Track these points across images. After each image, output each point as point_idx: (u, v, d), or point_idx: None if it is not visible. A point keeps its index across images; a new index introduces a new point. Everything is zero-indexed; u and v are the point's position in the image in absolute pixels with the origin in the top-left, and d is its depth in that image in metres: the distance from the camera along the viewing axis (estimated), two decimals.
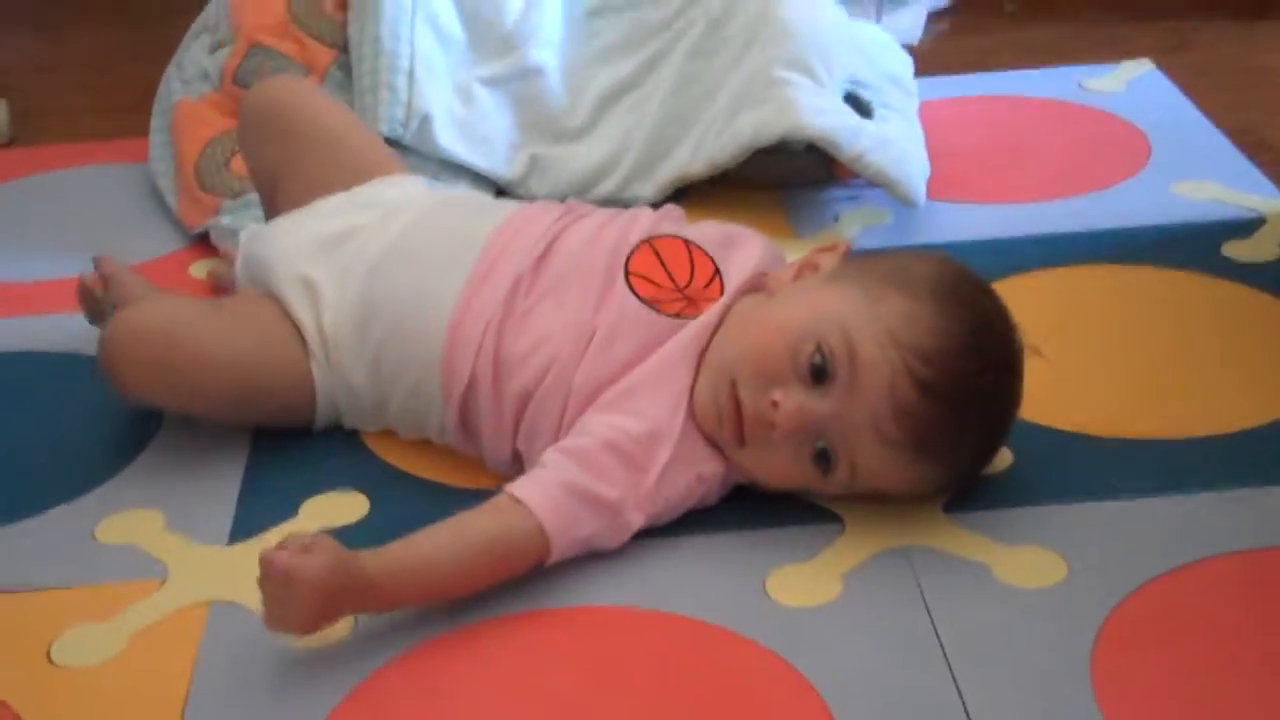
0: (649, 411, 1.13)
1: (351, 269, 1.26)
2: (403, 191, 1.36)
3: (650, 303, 1.17)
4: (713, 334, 1.16)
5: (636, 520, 1.12)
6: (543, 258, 1.21)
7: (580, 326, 1.17)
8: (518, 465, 1.20)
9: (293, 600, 1.00)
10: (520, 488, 1.10)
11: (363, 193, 1.35)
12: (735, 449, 1.14)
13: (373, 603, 1.05)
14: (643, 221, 1.24)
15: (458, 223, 1.28)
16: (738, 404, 1.12)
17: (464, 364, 1.19)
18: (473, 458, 1.24)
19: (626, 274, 1.19)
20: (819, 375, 1.09)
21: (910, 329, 1.08)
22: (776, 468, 1.13)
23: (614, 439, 1.12)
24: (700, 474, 1.14)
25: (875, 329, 1.09)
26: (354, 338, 1.24)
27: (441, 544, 1.07)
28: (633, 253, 1.20)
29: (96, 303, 1.39)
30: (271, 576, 1.01)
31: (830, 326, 1.10)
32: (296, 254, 1.29)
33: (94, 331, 1.43)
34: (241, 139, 1.47)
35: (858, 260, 1.20)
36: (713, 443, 1.15)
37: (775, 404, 1.10)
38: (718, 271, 1.20)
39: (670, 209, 1.28)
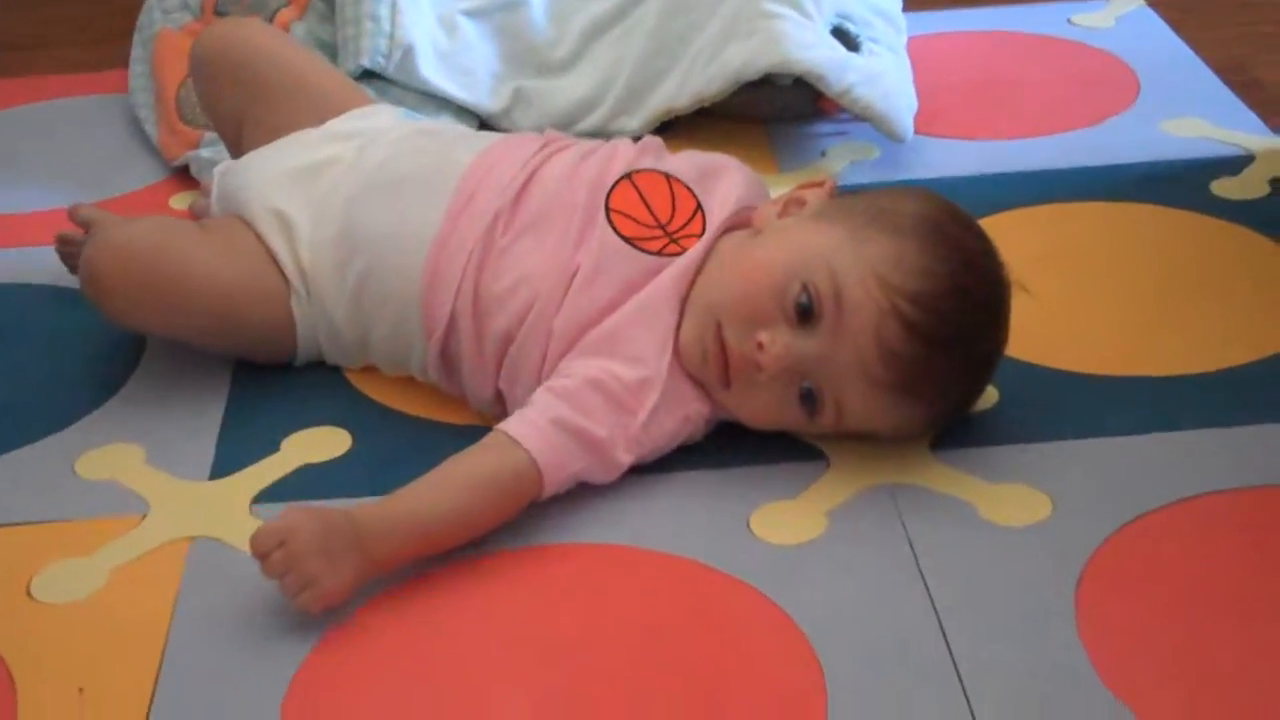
0: (638, 355, 1.12)
1: (328, 204, 1.25)
2: (376, 121, 1.34)
3: (632, 241, 1.16)
4: (696, 273, 1.15)
5: (625, 460, 1.12)
6: (521, 192, 1.20)
7: (561, 266, 1.16)
8: (500, 405, 1.19)
9: (298, 560, 1.00)
10: (511, 425, 1.09)
11: (334, 126, 1.33)
12: (721, 390, 1.13)
13: (374, 555, 1.03)
14: (622, 155, 1.23)
15: (434, 154, 1.26)
16: (723, 345, 1.11)
17: (444, 302, 1.18)
18: (456, 395, 1.23)
19: (608, 211, 1.18)
20: (805, 316, 1.08)
21: (897, 270, 1.07)
22: (762, 408, 1.13)
23: (603, 380, 1.11)
24: (687, 414, 1.14)
25: (862, 270, 1.08)
26: (334, 273, 1.23)
27: (435, 489, 1.06)
28: (613, 189, 1.19)
29: (79, 251, 1.37)
30: (265, 547, 1.00)
31: (817, 267, 1.09)
32: (270, 187, 1.28)
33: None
34: (197, 89, 1.44)
35: (844, 197, 1.18)
36: (698, 383, 1.14)
37: (761, 345, 1.09)
38: (699, 206, 1.19)
39: (650, 140, 1.26)
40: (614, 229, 1.16)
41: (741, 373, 1.11)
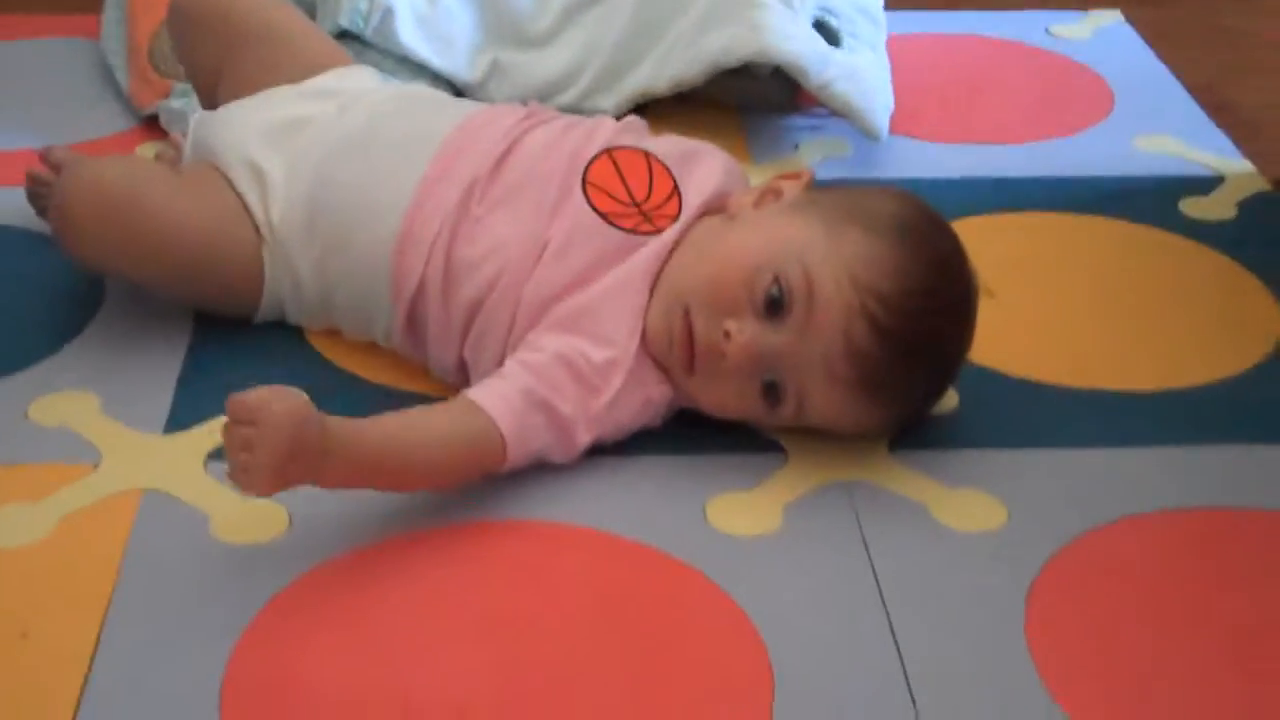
0: (608, 336, 1.12)
1: (302, 161, 1.24)
2: (356, 83, 1.33)
3: (606, 216, 1.16)
4: (669, 256, 1.15)
5: (584, 440, 1.11)
6: (500, 162, 1.19)
7: (533, 236, 1.15)
8: (463, 373, 1.18)
9: (263, 443, 0.96)
10: (479, 394, 1.09)
11: (314, 83, 1.32)
12: (684, 376, 1.13)
13: (328, 471, 1.00)
14: (604, 131, 1.22)
15: (414, 120, 1.25)
16: (690, 331, 1.11)
17: (414, 267, 1.17)
18: (418, 363, 1.22)
19: (584, 185, 1.17)
20: (774, 308, 1.08)
21: (869, 269, 1.07)
22: (724, 397, 1.13)
23: (571, 358, 1.10)
24: (649, 396, 1.14)
25: (834, 265, 1.08)
26: (302, 232, 1.22)
27: (405, 427, 1.05)
28: (591, 163, 1.18)
29: (49, 192, 1.35)
30: (241, 417, 0.97)
31: (789, 259, 1.08)
32: (246, 139, 1.26)
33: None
34: (175, 39, 1.42)
35: (820, 191, 1.18)
36: (661, 367, 1.14)
37: (728, 334, 1.09)
38: (677, 188, 1.18)
39: (633, 120, 1.26)
40: (589, 203, 1.16)
41: (706, 360, 1.11)
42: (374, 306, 1.21)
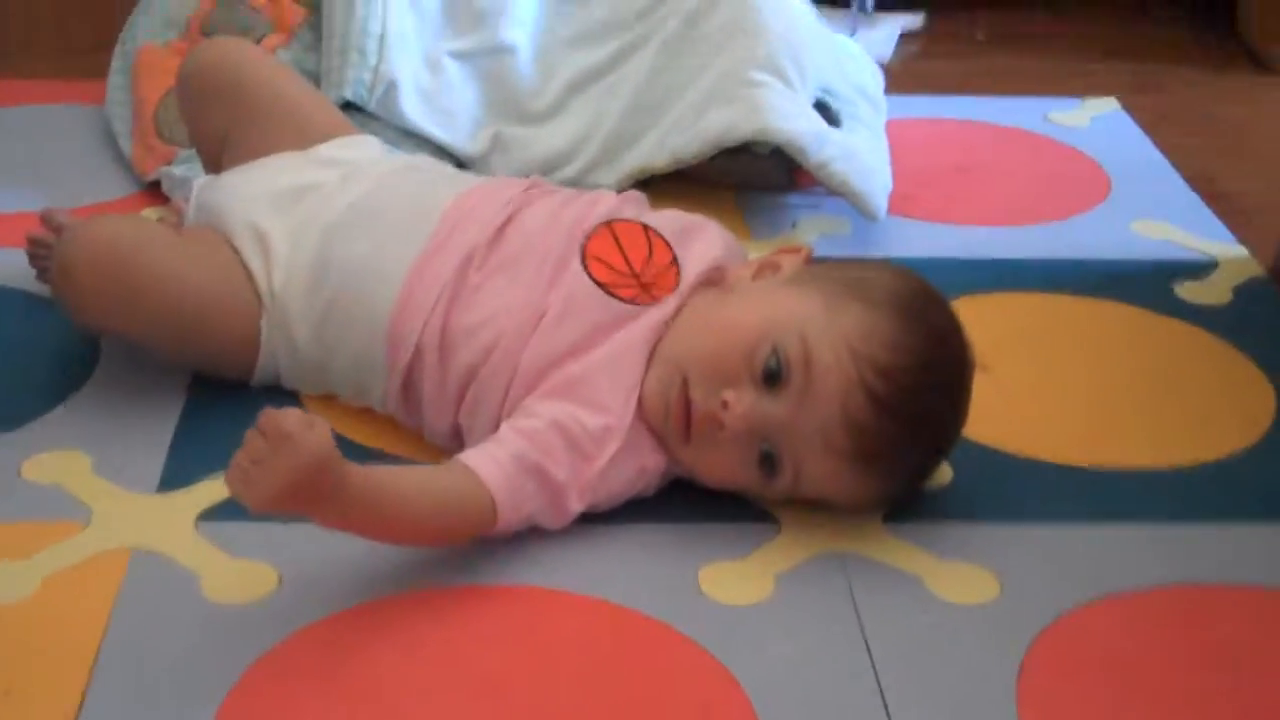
0: (604, 404, 1.12)
1: (306, 229, 1.25)
2: (361, 153, 1.34)
3: (605, 286, 1.16)
4: (667, 326, 1.15)
5: (577, 507, 1.11)
6: (499, 232, 1.20)
7: (531, 304, 1.16)
8: (458, 440, 1.18)
9: (276, 467, 0.95)
10: (472, 457, 1.08)
11: (320, 151, 1.33)
12: (680, 446, 1.13)
13: (328, 510, 1.00)
14: (604, 204, 1.23)
15: (417, 190, 1.26)
16: (687, 401, 1.11)
17: (410, 334, 1.18)
18: (413, 429, 1.22)
19: (583, 256, 1.18)
20: (772, 379, 1.08)
21: (868, 341, 1.07)
22: (721, 467, 1.12)
23: (566, 425, 1.10)
24: (643, 466, 1.13)
25: (833, 337, 1.08)
26: (303, 299, 1.22)
27: (408, 484, 1.05)
28: (591, 234, 1.19)
29: (49, 254, 1.36)
30: (268, 433, 0.96)
31: (788, 330, 1.09)
32: (251, 204, 1.27)
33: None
34: (183, 104, 1.43)
35: (819, 266, 1.19)
36: (656, 436, 1.14)
37: (726, 404, 1.09)
38: (675, 260, 1.19)
39: (633, 194, 1.26)
40: (588, 273, 1.16)
41: (703, 430, 1.11)
42: (370, 373, 1.21)
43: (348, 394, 1.25)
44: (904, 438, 1.08)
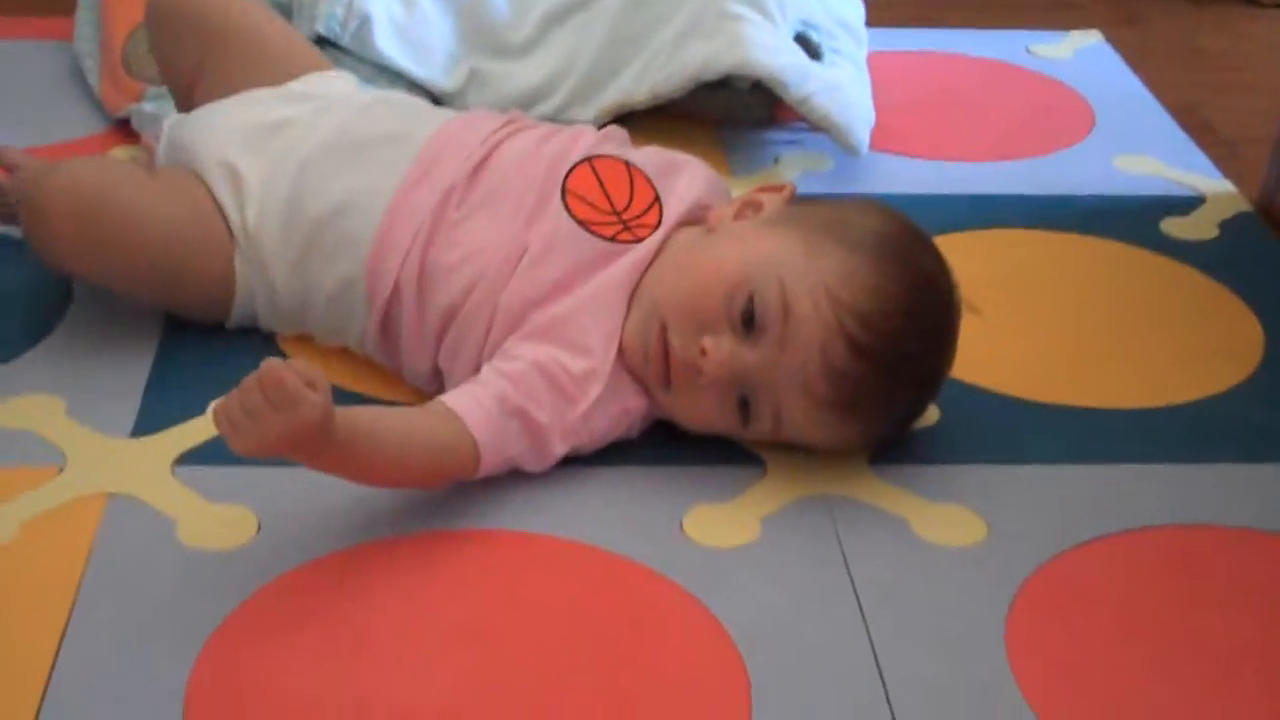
0: (586, 346, 1.10)
1: (280, 164, 1.22)
2: (335, 87, 1.32)
3: (586, 224, 1.14)
4: (649, 266, 1.14)
5: (559, 450, 1.10)
6: (479, 167, 1.18)
7: (511, 243, 1.14)
8: (437, 381, 1.17)
9: (270, 423, 0.93)
10: (455, 399, 1.07)
11: (293, 86, 1.31)
12: (661, 391, 1.11)
13: (313, 459, 0.99)
14: (585, 140, 1.21)
15: (393, 125, 1.24)
16: (666, 347, 1.09)
17: (389, 271, 1.16)
18: (392, 370, 1.20)
19: (564, 192, 1.16)
20: (750, 325, 1.07)
21: (848, 287, 1.05)
22: (700, 412, 1.11)
23: (549, 367, 1.09)
24: (625, 408, 1.12)
25: (812, 283, 1.06)
26: (279, 235, 1.20)
27: (391, 428, 1.03)
28: (572, 170, 1.17)
29: (3, 195, 1.33)
30: (268, 388, 0.93)
31: (766, 276, 1.07)
32: (224, 140, 1.24)
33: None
34: (153, 36, 1.40)
35: (802, 205, 1.17)
36: (638, 379, 1.13)
37: (704, 351, 1.07)
38: (657, 198, 1.17)
39: (614, 130, 1.24)
40: (568, 210, 1.14)
41: (683, 376, 1.09)
42: (349, 311, 1.19)
43: (325, 333, 1.23)
44: (886, 385, 1.07)
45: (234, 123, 1.26)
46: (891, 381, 1.07)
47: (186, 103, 1.36)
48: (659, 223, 1.15)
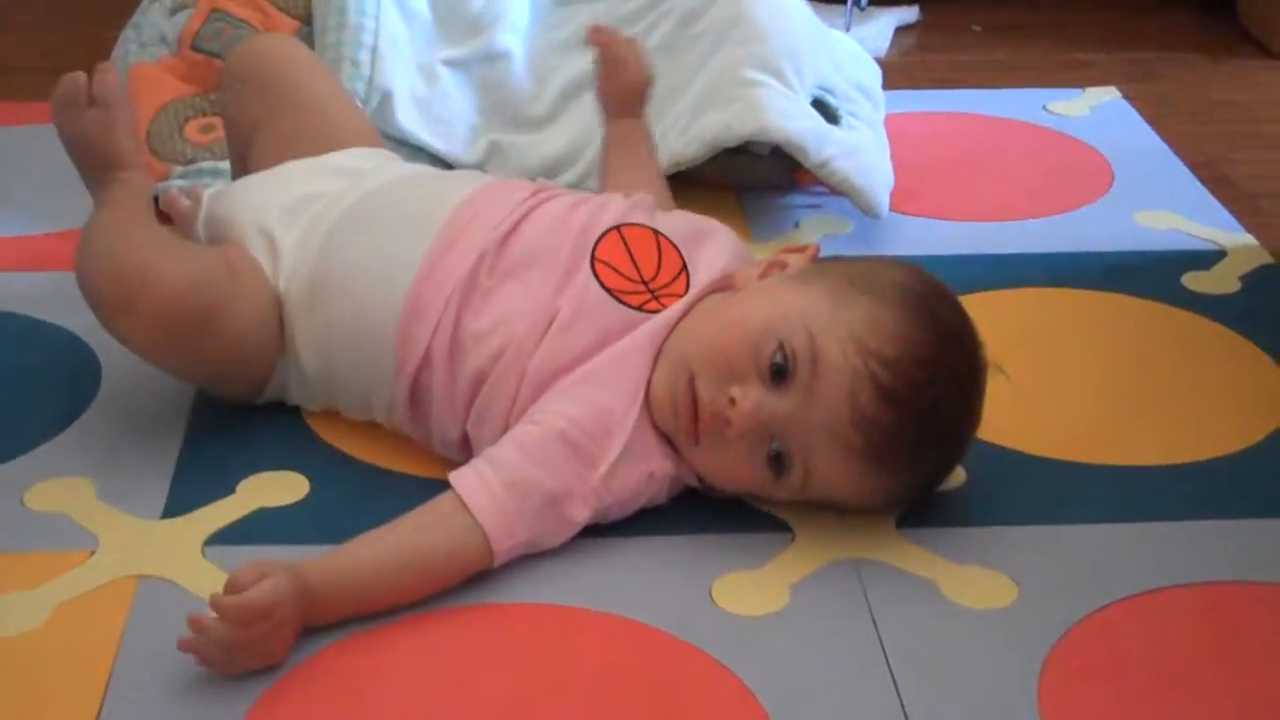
0: (606, 404, 1.11)
1: (310, 234, 1.23)
2: (374, 163, 1.33)
3: (614, 293, 1.15)
4: (673, 329, 1.14)
5: (582, 515, 1.10)
6: (509, 235, 1.18)
7: (540, 309, 1.15)
8: (466, 450, 1.17)
9: (275, 638, 1.00)
10: (466, 484, 1.07)
11: (334, 159, 1.32)
12: (689, 446, 1.12)
13: (310, 620, 1.02)
14: (613, 208, 1.22)
15: (422, 191, 1.25)
16: (694, 399, 1.10)
17: (421, 338, 1.16)
18: (417, 443, 1.21)
19: (593, 261, 1.16)
20: (779, 375, 1.07)
21: (876, 335, 1.06)
22: (729, 467, 1.11)
23: (565, 429, 1.09)
24: (651, 471, 1.12)
25: (840, 332, 1.07)
26: (304, 305, 1.21)
27: (381, 557, 1.05)
28: (600, 239, 1.18)
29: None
30: (249, 621, 0.98)
31: (794, 326, 1.08)
32: (261, 210, 1.26)
33: (32, 293, 1.40)
34: (224, 90, 1.42)
35: (826, 262, 1.18)
36: (664, 440, 1.13)
37: (733, 400, 1.08)
38: (685, 267, 1.18)
39: (642, 198, 1.25)
40: (597, 279, 1.15)
41: (711, 428, 1.09)
42: (375, 381, 1.20)
43: (351, 405, 1.23)
44: (914, 434, 1.07)
45: (271, 197, 1.27)
46: (920, 430, 1.07)
47: (241, 159, 1.39)
48: (686, 291, 1.16)
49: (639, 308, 1.15)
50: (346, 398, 1.23)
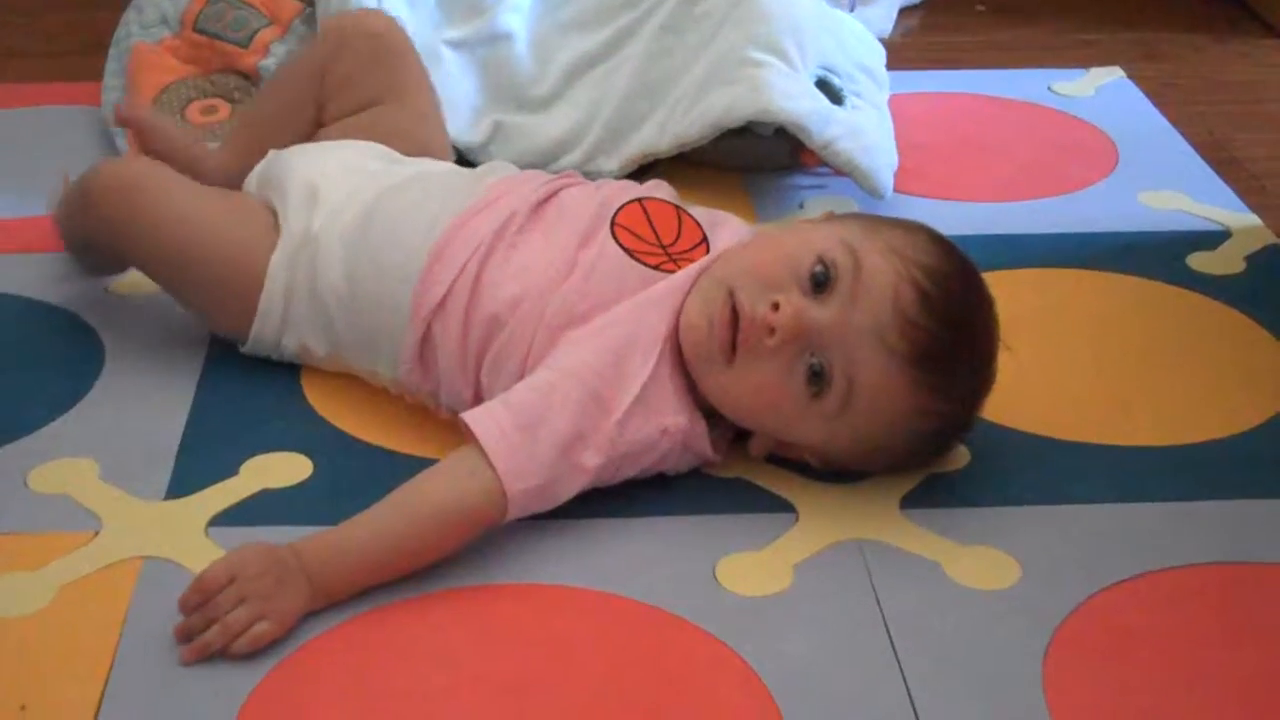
0: (620, 350, 1.12)
1: (360, 189, 1.27)
2: (429, 165, 1.36)
3: (631, 252, 1.17)
4: (695, 282, 1.15)
5: (594, 461, 1.09)
6: (539, 205, 1.21)
7: (561, 260, 1.17)
8: (476, 404, 1.15)
9: (254, 598, 1.01)
10: (479, 424, 1.07)
11: (392, 153, 1.36)
12: (723, 366, 1.11)
13: (322, 590, 1.03)
14: (636, 189, 1.24)
15: (466, 176, 1.30)
16: (733, 311, 1.10)
17: (443, 280, 1.17)
18: (420, 419, 1.21)
19: (613, 225, 1.18)
20: (820, 285, 1.09)
21: (912, 248, 1.10)
22: (763, 389, 1.11)
23: (582, 375, 1.10)
24: (665, 427, 1.12)
25: (879, 245, 1.10)
26: (342, 239, 1.23)
27: (388, 519, 1.05)
28: (622, 207, 1.20)
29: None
30: (207, 591, 1.01)
31: (832, 242, 1.11)
32: (318, 169, 1.30)
33: (33, 274, 1.41)
34: (340, 50, 1.42)
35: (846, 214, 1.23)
36: (682, 393, 1.13)
37: (776, 306, 1.08)
38: (705, 239, 1.19)
39: (660, 184, 1.27)
40: (615, 239, 1.17)
41: (750, 339, 1.09)
42: (388, 327, 1.20)
43: (356, 354, 1.24)
44: (951, 341, 1.08)
45: (330, 159, 1.32)
46: (957, 337, 1.09)
47: (315, 111, 1.42)
48: (705, 256, 1.18)
49: (656, 267, 1.16)
50: (352, 346, 1.23)
